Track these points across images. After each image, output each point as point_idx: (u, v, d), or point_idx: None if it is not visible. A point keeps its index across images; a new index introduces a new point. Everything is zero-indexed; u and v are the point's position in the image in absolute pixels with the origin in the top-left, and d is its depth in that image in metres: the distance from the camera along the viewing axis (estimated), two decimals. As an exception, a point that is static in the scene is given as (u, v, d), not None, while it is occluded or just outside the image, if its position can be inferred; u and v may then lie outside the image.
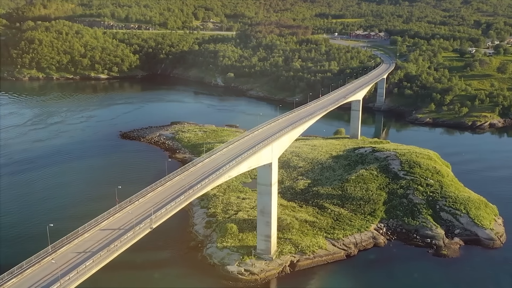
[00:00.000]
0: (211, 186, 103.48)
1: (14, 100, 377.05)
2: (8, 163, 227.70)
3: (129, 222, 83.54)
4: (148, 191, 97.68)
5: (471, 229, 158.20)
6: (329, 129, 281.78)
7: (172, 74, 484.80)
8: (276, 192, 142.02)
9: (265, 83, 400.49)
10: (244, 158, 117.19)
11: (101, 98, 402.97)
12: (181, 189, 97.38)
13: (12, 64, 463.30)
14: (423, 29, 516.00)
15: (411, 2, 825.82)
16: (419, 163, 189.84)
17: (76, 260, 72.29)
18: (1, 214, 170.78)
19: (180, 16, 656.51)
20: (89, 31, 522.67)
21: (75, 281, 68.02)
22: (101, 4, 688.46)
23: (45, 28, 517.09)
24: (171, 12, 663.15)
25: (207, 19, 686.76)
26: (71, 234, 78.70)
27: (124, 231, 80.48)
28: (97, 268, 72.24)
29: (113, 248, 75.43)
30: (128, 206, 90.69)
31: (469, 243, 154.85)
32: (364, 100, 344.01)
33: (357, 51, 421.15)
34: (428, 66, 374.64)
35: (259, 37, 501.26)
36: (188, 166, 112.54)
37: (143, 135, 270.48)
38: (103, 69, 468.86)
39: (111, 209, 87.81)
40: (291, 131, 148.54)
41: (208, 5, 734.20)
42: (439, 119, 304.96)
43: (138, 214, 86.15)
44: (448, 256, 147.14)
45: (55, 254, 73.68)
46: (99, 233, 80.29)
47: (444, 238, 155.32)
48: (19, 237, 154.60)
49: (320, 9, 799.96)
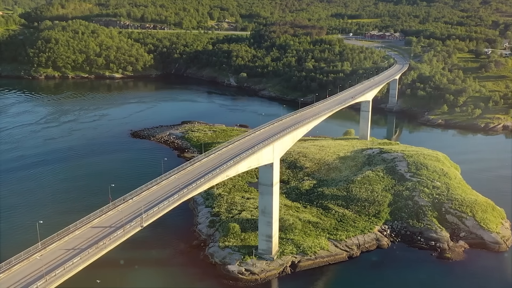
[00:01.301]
0: (207, 185, 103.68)
1: (30, 99, 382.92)
2: (19, 160, 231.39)
3: (121, 220, 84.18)
4: (142, 190, 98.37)
5: (477, 232, 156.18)
6: (340, 130, 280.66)
7: (185, 74, 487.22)
8: (278, 192, 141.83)
9: (277, 83, 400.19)
10: (242, 158, 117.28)
11: (114, 97, 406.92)
12: (176, 188, 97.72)
13: (29, 63, 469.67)
14: (439, 29, 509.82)
15: (429, 2, 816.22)
16: (426, 165, 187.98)
17: (64, 257, 73.17)
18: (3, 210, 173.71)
19: (196, 16, 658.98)
20: (104, 31, 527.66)
21: (61, 277, 68.99)
22: (117, 4, 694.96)
23: (62, 27, 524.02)
24: (186, 12, 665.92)
25: (222, 19, 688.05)
26: (61, 231, 79.68)
27: (114, 228, 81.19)
28: (84, 265, 73.12)
29: (102, 245, 76.26)
30: (121, 204, 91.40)
31: (474, 246, 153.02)
32: (376, 101, 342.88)
33: (370, 52, 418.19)
34: (442, 67, 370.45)
35: (273, 37, 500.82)
36: (185, 165, 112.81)
37: (153, 134, 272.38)
38: (118, 68, 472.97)
39: (103, 207, 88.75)
40: (293, 131, 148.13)
41: (223, 5, 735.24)
42: (451, 121, 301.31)
43: (131, 212, 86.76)
44: (451, 259, 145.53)
45: (44, 250, 74.90)
46: (90, 231, 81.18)
47: (449, 241, 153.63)
48: (16, 232, 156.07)
49: (336, 9, 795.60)
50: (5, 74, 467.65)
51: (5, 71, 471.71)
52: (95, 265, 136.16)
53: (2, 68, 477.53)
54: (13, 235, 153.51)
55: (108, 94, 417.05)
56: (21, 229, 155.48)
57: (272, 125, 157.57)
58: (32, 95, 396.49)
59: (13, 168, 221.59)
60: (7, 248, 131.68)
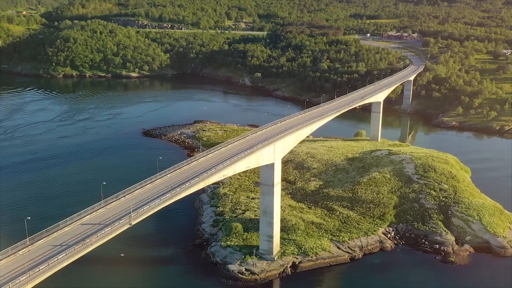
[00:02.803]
0: (201, 184, 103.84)
1: (47, 97, 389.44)
2: (31, 156, 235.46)
3: (111, 218, 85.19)
4: (136, 188, 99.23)
5: (483, 236, 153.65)
6: (351, 131, 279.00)
7: (201, 73, 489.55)
8: (279, 192, 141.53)
9: (292, 83, 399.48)
10: (239, 158, 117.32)
11: (130, 96, 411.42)
12: (169, 187, 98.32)
13: (48, 62, 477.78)
14: (457, 30, 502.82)
15: (450, 3, 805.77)
16: (434, 167, 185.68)
17: (51, 253, 74.35)
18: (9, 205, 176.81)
19: (213, 16, 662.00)
20: (122, 30, 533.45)
21: (44, 273, 70.14)
22: (137, 4, 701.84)
23: (81, 27, 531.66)
24: (204, 12, 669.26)
25: (240, 19, 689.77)
26: (50, 227, 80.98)
27: (103, 226, 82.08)
28: (69, 261, 74.12)
29: (88, 242, 77.22)
30: (113, 202, 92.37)
31: (480, 250, 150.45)
32: (390, 102, 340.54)
33: (386, 52, 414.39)
34: (458, 69, 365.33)
35: (289, 37, 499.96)
36: (181, 164, 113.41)
37: (165, 133, 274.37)
38: (134, 67, 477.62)
39: (95, 205, 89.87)
40: (296, 132, 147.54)
41: (241, 5, 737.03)
42: (465, 123, 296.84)
43: (122, 210, 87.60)
44: (455, 263, 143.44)
45: (32, 246, 76.26)
46: (79, 227, 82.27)
47: (454, 245, 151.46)
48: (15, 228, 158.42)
49: (355, 9, 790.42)
50: (24, 73, 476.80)
51: (25, 70, 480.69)
52: (98, 262, 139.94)
53: (22, 66, 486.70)
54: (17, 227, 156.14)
55: (124, 93, 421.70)
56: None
57: (275, 125, 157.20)
58: (50, 93, 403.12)
59: (24, 164, 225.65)
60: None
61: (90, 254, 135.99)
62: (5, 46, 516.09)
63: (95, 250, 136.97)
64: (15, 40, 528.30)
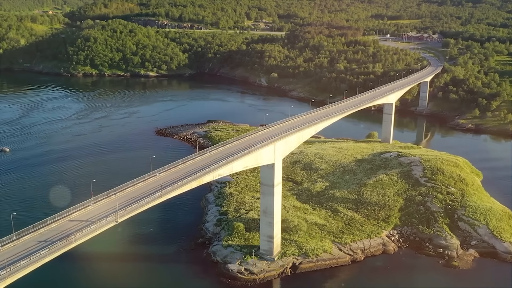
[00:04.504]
0: (194, 183, 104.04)
1: (66, 95, 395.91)
2: (45, 154, 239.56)
3: (99, 215, 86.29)
4: (128, 185, 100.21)
5: (489, 241, 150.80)
6: (364, 132, 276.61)
7: (218, 73, 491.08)
8: (280, 193, 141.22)
9: (308, 84, 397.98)
10: (236, 157, 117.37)
11: (147, 95, 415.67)
12: (162, 186, 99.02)
13: (68, 61, 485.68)
14: (479, 31, 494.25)
15: (475, 3, 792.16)
16: (443, 170, 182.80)
17: (35, 248, 75.74)
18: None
19: (233, 16, 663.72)
20: (142, 30, 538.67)
21: (26, 267, 71.49)
22: (158, 4, 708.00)
23: (102, 26, 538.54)
24: (224, 12, 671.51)
25: (260, 19, 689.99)
26: (37, 223, 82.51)
27: (90, 222, 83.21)
28: (51, 256, 75.27)
29: (73, 238, 78.36)
30: (104, 199, 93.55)
31: (485, 255, 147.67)
32: (406, 103, 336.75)
33: (405, 53, 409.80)
34: (477, 70, 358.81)
35: (307, 37, 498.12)
36: (177, 163, 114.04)
37: (177, 132, 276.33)
38: (153, 67, 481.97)
39: (85, 201, 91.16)
40: (297, 132, 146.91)
41: (262, 5, 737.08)
42: (481, 126, 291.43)
43: (112, 207, 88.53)
44: (458, 268, 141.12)
45: (17, 241, 77.78)
46: (67, 223, 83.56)
47: (458, 249, 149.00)
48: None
49: (377, 9, 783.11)
50: (46, 71, 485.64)
51: (46, 68, 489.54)
52: (100, 260, 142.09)
53: (43, 65, 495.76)
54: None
55: (141, 92, 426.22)
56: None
57: (277, 125, 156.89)
58: (69, 91, 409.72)
59: (37, 160, 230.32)
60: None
61: (91, 252, 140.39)
62: (28, 45, 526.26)
63: (95, 248, 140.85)
64: (38, 40, 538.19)
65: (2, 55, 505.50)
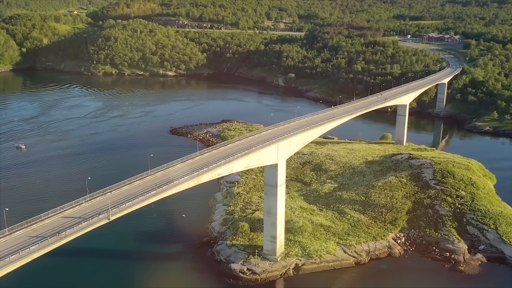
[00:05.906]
0: (192, 182, 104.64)
1: (85, 94, 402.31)
2: (59, 152, 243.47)
3: (92, 212, 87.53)
4: (125, 183, 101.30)
5: (497, 246, 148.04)
6: (379, 134, 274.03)
7: (236, 73, 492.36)
8: (284, 193, 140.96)
9: (324, 84, 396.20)
10: (236, 157, 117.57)
11: (165, 94, 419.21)
12: (159, 184, 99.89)
13: (89, 60, 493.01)
14: (502, 32, 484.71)
15: (500, 4, 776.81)
16: (454, 173, 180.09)
17: (26, 243, 77.23)
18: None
19: (253, 16, 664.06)
20: (162, 30, 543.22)
21: (14, 262, 72.96)
22: (179, 4, 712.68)
23: (123, 26, 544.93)
24: (244, 12, 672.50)
25: (280, 19, 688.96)
26: (31, 219, 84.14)
27: (83, 219, 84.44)
28: (41, 252, 76.66)
29: (63, 235, 79.67)
30: (99, 197, 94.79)
31: (493, 260, 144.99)
32: (423, 105, 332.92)
33: (424, 54, 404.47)
34: (498, 72, 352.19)
35: (326, 38, 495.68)
36: (175, 162, 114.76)
37: (191, 132, 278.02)
38: (171, 66, 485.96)
39: (80, 198, 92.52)
40: (302, 133, 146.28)
41: (282, 5, 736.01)
42: (499, 128, 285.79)
43: (105, 205, 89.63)
44: (464, 272, 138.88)
45: (9, 236, 79.42)
46: (60, 220, 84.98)
47: (465, 253, 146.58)
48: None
49: (400, 10, 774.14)
50: (67, 70, 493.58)
51: (67, 67, 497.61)
52: (103, 257, 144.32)
53: (64, 64, 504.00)
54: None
55: (159, 92, 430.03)
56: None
57: (282, 126, 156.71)
58: (88, 90, 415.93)
59: (52, 157, 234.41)
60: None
61: (93, 250, 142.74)
62: (51, 44, 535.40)
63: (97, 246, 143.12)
64: (60, 39, 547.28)
65: (26, 54, 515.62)
